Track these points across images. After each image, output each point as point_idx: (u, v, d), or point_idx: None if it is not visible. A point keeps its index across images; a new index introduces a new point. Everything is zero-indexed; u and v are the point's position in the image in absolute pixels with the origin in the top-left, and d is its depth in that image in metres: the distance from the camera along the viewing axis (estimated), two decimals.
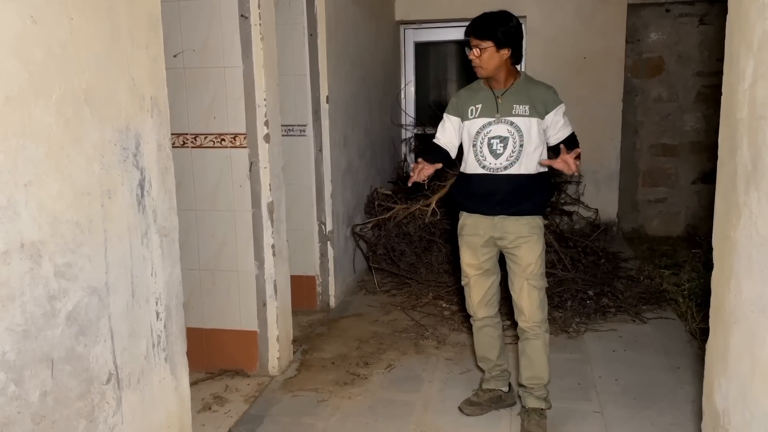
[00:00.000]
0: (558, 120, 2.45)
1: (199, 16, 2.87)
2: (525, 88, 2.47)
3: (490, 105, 2.49)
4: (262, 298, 3.04)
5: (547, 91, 2.47)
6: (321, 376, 3.09)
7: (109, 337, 1.79)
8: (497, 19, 2.46)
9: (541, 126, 2.45)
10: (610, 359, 3.24)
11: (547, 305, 2.54)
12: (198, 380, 3.00)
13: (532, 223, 2.48)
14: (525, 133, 2.43)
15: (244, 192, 2.97)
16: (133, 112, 1.88)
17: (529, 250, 2.47)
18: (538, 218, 2.51)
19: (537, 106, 2.44)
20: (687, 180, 5.94)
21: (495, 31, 2.43)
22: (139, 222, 1.92)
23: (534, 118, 2.43)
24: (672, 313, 3.83)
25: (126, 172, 1.85)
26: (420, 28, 5.99)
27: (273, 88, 2.97)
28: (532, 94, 2.45)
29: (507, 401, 2.77)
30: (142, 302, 1.95)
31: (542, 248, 2.49)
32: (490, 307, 2.63)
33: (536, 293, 2.48)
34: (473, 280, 2.59)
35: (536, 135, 2.44)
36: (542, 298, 2.50)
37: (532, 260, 2.47)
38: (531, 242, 2.47)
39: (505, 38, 2.42)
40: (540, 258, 2.48)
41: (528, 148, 2.44)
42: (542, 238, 2.50)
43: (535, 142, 2.44)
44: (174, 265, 2.13)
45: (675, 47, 5.76)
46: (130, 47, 1.87)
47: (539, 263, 2.48)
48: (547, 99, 2.45)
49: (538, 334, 2.51)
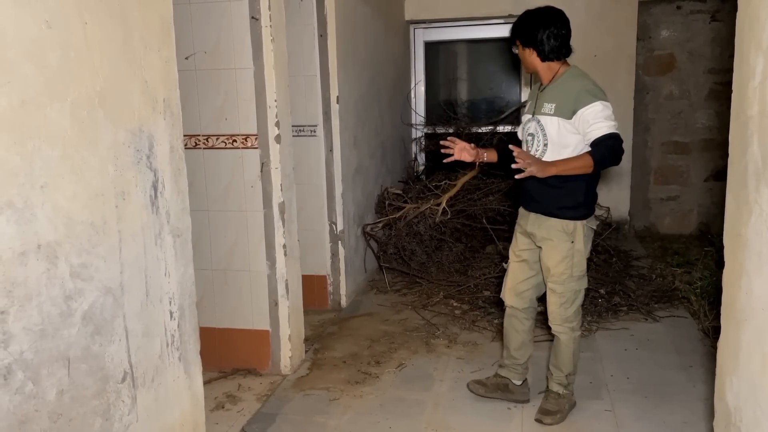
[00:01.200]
0: (587, 120, 2.31)
1: (210, 19, 2.90)
2: (562, 84, 2.41)
3: (533, 101, 2.53)
4: (274, 298, 3.06)
5: (581, 88, 2.35)
6: (332, 375, 3.11)
7: (124, 337, 1.81)
8: (521, 18, 2.47)
9: (571, 125, 2.35)
10: (621, 358, 3.23)
11: (574, 307, 2.54)
12: (211, 379, 3.03)
13: (558, 226, 2.45)
14: (548, 132, 2.40)
15: (255, 192, 2.99)
16: (146, 114, 1.91)
17: (550, 252, 2.48)
18: (570, 223, 2.44)
19: (565, 105, 2.36)
20: (699, 177, 5.90)
21: (517, 31, 2.47)
22: (153, 222, 1.95)
23: (558, 117, 2.38)
24: (684, 311, 3.81)
25: (139, 173, 1.88)
26: (429, 28, 6.00)
27: (283, 89, 2.99)
28: (565, 92, 2.38)
29: (515, 394, 2.78)
30: (156, 302, 1.97)
31: (567, 254, 2.45)
32: (519, 298, 2.67)
33: (555, 297, 2.52)
34: (511, 265, 2.69)
35: (561, 135, 2.38)
36: (563, 302, 2.52)
37: (552, 264, 2.48)
38: (552, 245, 2.47)
39: (528, 37, 2.43)
40: (562, 263, 2.46)
41: (552, 148, 2.40)
42: (569, 244, 2.45)
43: (562, 142, 2.38)
44: (187, 265, 2.16)
45: (686, 44, 5.73)
46: (143, 50, 1.89)
47: (560, 268, 2.47)
48: (578, 97, 2.33)
49: (560, 332, 2.57)
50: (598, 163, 2.30)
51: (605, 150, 2.29)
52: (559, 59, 2.46)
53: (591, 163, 2.29)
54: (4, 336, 1.36)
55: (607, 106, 2.32)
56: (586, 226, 2.48)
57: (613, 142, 2.29)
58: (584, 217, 2.46)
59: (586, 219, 2.47)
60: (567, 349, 2.59)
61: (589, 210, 2.48)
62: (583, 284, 2.54)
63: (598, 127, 2.29)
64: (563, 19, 2.43)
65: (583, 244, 2.46)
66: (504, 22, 5.72)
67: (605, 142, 2.29)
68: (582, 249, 2.47)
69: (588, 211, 2.48)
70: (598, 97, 2.32)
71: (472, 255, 4.67)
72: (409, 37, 5.98)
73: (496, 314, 3.78)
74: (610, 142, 2.29)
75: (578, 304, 2.56)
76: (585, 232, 2.47)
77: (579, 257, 2.47)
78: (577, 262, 2.47)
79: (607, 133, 2.28)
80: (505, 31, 5.80)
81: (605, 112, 2.31)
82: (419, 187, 4.87)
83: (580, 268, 2.49)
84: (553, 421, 2.61)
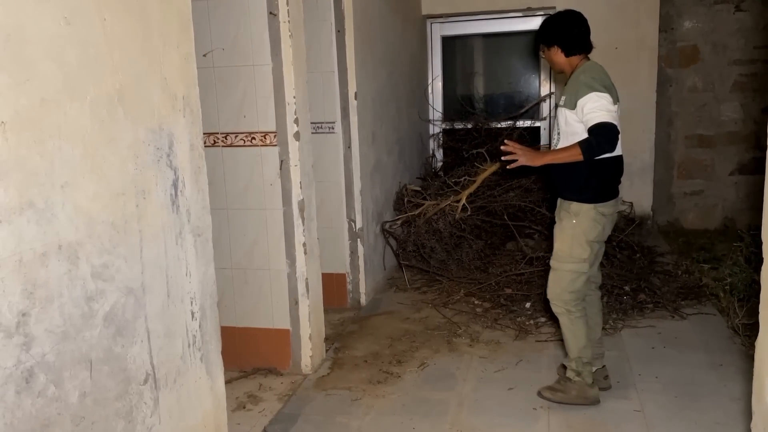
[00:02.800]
0: (584, 111, 2.50)
1: (228, 15, 2.87)
2: (574, 78, 2.61)
3: (560, 94, 2.81)
4: (294, 297, 3.03)
5: (582, 82, 2.54)
6: (354, 374, 3.07)
7: (146, 338, 1.79)
8: (543, 23, 2.71)
9: (575, 115, 2.55)
10: (649, 356, 3.16)
11: (571, 288, 2.63)
12: (232, 379, 3.01)
13: (566, 207, 2.64)
14: (561, 122, 2.64)
15: (274, 190, 2.96)
16: (166, 112, 1.88)
17: (557, 230, 2.69)
18: (575, 204, 2.60)
19: (572, 97, 2.56)
20: (724, 171, 5.78)
21: (541, 34, 2.70)
22: (174, 222, 1.92)
23: (566, 108, 2.59)
24: (712, 308, 3.72)
25: (160, 172, 1.85)
26: (446, 22, 5.93)
27: (302, 85, 2.95)
28: (573, 85, 2.58)
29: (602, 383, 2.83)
30: (177, 302, 1.95)
31: (569, 233, 2.61)
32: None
33: (553, 274, 2.69)
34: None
35: (569, 124, 2.59)
36: (560, 279, 2.65)
37: (555, 240, 2.68)
38: (559, 224, 2.68)
39: (551, 37, 2.66)
40: (564, 242, 2.63)
41: (563, 136, 2.62)
42: (572, 224, 2.60)
43: (570, 131, 2.59)
44: (208, 265, 2.13)
45: (710, 35, 5.60)
46: (162, 47, 1.87)
47: (560, 245, 2.65)
48: (579, 89, 2.53)
49: (558, 312, 2.70)
50: (586, 151, 2.46)
51: (592, 138, 2.46)
52: (581, 53, 2.66)
53: (579, 152, 2.46)
54: (26, 338, 1.34)
55: (601, 96, 2.48)
56: (596, 210, 2.58)
57: (599, 131, 2.45)
58: (590, 200, 2.58)
59: (594, 203, 2.58)
60: (567, 331, 2.69)
61: (595, 194, 2.58)
62: (582, 269, 2.62)
63: (590, 117, 2.48)
64: (582, 18, 2.68)
65: (587, 227, 2.58)
66: (523, 15, 5.65)
67: (591, 131, 2.47)
68: (585, 231, 2.59)
69: (594, 195, 2.58)
70: (593, 88, 2.49)
71: (492, 252, 4.61)
72: (426, 31, 5.92)
73: (518, 312, 3.72)
74: (596, 130, 2.46)
75: (576, 287, 2.64)
76: (593, 215, 2.58)
77: (581, 239, 2.59)
78: (578, 243, 2.60)
79: (595, 123, 2.45)
80: (524, 24, 5.79)
81: (598, 103, 2.47)
82: (438, 184, 4.82)
83: (580, 249, 2.60)
84: (551, 395, 2.73)
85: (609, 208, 2.61)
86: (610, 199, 2.62)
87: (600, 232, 2.61)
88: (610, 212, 2.62)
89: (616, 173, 2.66)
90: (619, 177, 2.68)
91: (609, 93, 2.51)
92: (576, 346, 2.68)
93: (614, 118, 2.48)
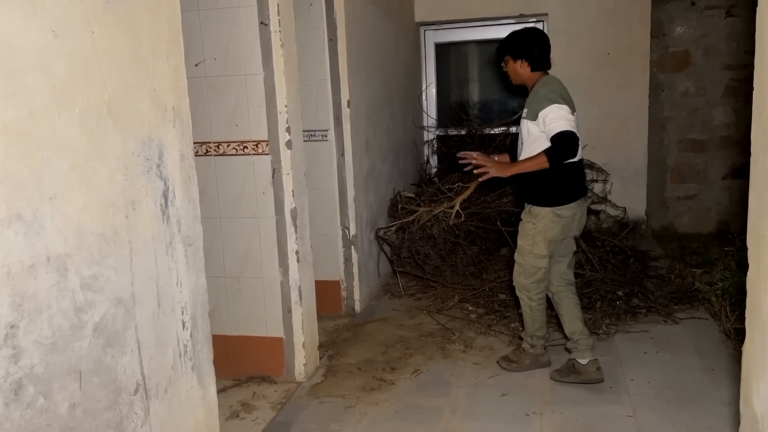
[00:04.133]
0: (545, 121, 2.71)
1: (219, 25, 2.89)
2: (534, 92, 2.84)
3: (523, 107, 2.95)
4: (288, 305, 3.03)
5: (542, 94, 2.76)
6: (347, 381, 3.08)
7: (136, 348, 1.80)
8: (512, 36, 2.93)
9: (536, 126, 2.77)
10: (642, 361, 3.17)
11: (532, 279, 2.94)
12: (225, 387, 3.01)
13: (527, 210, 2.93)
14: (523, 133, 2.87)
15: (267, 199, 2.97)
16: (156, 123, 1.89)
17: (520, 228, 2.98)
18: (536, 208, 2.87)
19: (532, 109, 2.79)
20: (717, 175, 5.81)
21: (509, 47, 2.91)
22: (164, 232, 1.93)
23: (528, 120, 2.82)
24: (705, 312, 3.74)
25: (150, 182, 1.86)
26: (440, 29, 5.96)
27: (294, 94, 2.97)
28: (534, 98, 2.81)
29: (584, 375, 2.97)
30: (168, 312, 1.95)
31: (530, 232, 2.89)
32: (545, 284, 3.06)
33: (517, 267, 3.00)
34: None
35: (530, 135, 2.81)
36: (522, 272, 2.96)
37: (519, 238, 2.97)
38: (522, 224, 2.96)
39: (520, 51, 2.87)
40: (525, 239, 2.92)
41: (526, 147, 2.84)
42: (532, 225, 2.87)
43: (530, 142, 2.81)
44: (199, 274, 2.14)
45: (702, 40, 5.64)
46: (152, 58, 1.88)
47: (522, 242, 2.94)
48: (539, 102, 2.75)
49: (520, 295, 3.04)
50: (551, 159, 2.68)
51: (555, 146, 2.68)
52: (543, 69, 2.91)
53: (545, 160, 2.68)
54: (15, 350, 1.35)
55: (560, 108, 2.71)
56: (553, 212, 2.84)
57: (562, 140, 2.66)
58: (548, 204, 2.84)
59: (552, 206, 2.83)
60: (526, 314, 3.05)
61: (553, 199, 2.83)
62: (541, 264, 2.90)
63: (552, 127, 2.68)
64: (546, 37, 2.94)
65: (544, 228, 2.85)
66: (516, 21, 5.68)
67: (554, 141, 2.68)
68: (543, 231, 2.85)
69: (552, 200, 2.83)
70: (552, 101, 2.72)
71: (486, 258, 4.62)
72: (419, 38, 5.95)
73: (512, 318, 3.73)
74: (558, 139, 2.67)
75: (537, 279, 2.94)
76: (551, 217, 2.84)
77: (540, 238, 2.86)
78: (537, 242, 2.87)
79: (557, 132, 2.66)
80: None
81: (558, 113, 2.69)
82: (432, 190, 4.83)
83: (539, 248, 2.88)
84: (507, 367, 3.11)
85: (567, 210, 2.84)
86: (570, 202, 2.84)
87: (559, 232, 2.86)
88: (570, 214, 2.85)
89: (576, 177, 2.88)
90: (579, 181, 2.91)
91: (567, 104, 2.74)
92: (532, 327, 3.06)
93: (573, 126, 2.70)
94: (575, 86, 5.72)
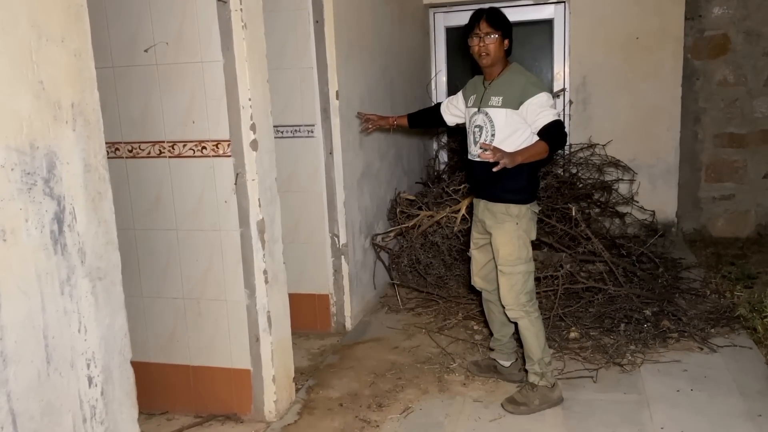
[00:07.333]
0: (534, 110, 2.51)
1: (172, 3, 2.43)
2: (508, 79, 2.60)
3: (479, 95, 2.68)
4: (255, 332, 2.60)
5: (525, 81, 2.55)
6: (325, 422, 2.63)
7: (10, 422, 1.37)
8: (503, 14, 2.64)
9: (518, 116, 2.55)
10: (673, 402, 2.68)
11: (525, 289, 2.64)
12: (184, 427, 2.60)
13: (504, 210, 2.63)
14: (496, 123, 2.58)
15: (230, 208, 2.53)
16: (42, 125, 1.45)
17: (499, 235, 2.65)
18: (513, 206, 2.61)
19: (512, 97, 2.54)
20: (758, 174, 5.23)
21: (504, 21, 2.60)
22: (56, 266, 1.50)
23: (506, 108, 2.56)
24: (747, 338, 3.22)
25: (32, 203, 1.43)
26: (451, 11, 5.44)
27: (260, 85, 2.51)
28: (511, 86, 2.56)
29: (504, 375, 2.92)
30: (64, 368, 1.52)
31: (514, 236, 2.62)
32: (486, 281, 2.86)
33: (505, 279, 2.65)
34: (473, 252, 2.88)
35: (508, 125, 2.57)
36: (514, 283, 2.63)
37: (501, 246, 2.64)
38: (501, 229, 2.64)
39: (508, 30, 2.61)
40: (510, 245, 2.62)
41: (499, 137, 2.58)
42: (515, 226, 2.61)
43: (507, 132, 2.57)
44: (116, 314, 1.70)
45: (742, 23, 5.05)
46: (35, 41, 1.44)
47: (509, 250, 2.62)
48: (524, 89, 2.53)
49: (517, 317, 2.67)
50: (552, 148, 2.50)
51: (555, 135, 2.48)
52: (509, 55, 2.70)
53: (546, 149, 2.46)
54: None
55: (550, 97, 2.55)
56: (531, 209, 2.66)
57: (559, 128, 2.50)
58: (528, 201, 2.64)
59: (530, 203, 2.64)
60: (529, 333, 2.67)
61: (532, 195, 2.66)
62: (531, 267, 2.67)
63: (544, 115, 2.49)
64: None
65: (527, 227, 2.64)
66: (534, 3, 5.15)
67: (552, 129, 2.48)
68: (527, 231, 2.65)
69: (531, 196, 2.65)
70: (542, 88, 2.55)
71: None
72: (428, 22, 5.44)
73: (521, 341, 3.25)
74: (557, 128, 2.49)
75: (529, 288, 2.67)
76: (530, 215, 2.65)
77: (525, 239, 2.64)
78: (524, 244, 2.64)
79: (553, 120, 2.49)
80: (536, 13, 5.27)
81: (549, 102, 2.54)
82: (437, 191, 4.36)
83: (526, 250, 2.65)
84: (515, 411, 2.64)
85: (536, 206, 2.72)
86: (537, 198, 2.73)
87: (535, 233, 2.70)
88: (538, 210, 2.73)
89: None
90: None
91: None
92: (539, 347, 2.68)
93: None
94: (599, 74, 5.23)
